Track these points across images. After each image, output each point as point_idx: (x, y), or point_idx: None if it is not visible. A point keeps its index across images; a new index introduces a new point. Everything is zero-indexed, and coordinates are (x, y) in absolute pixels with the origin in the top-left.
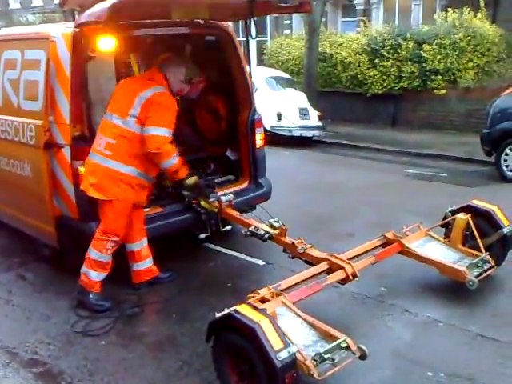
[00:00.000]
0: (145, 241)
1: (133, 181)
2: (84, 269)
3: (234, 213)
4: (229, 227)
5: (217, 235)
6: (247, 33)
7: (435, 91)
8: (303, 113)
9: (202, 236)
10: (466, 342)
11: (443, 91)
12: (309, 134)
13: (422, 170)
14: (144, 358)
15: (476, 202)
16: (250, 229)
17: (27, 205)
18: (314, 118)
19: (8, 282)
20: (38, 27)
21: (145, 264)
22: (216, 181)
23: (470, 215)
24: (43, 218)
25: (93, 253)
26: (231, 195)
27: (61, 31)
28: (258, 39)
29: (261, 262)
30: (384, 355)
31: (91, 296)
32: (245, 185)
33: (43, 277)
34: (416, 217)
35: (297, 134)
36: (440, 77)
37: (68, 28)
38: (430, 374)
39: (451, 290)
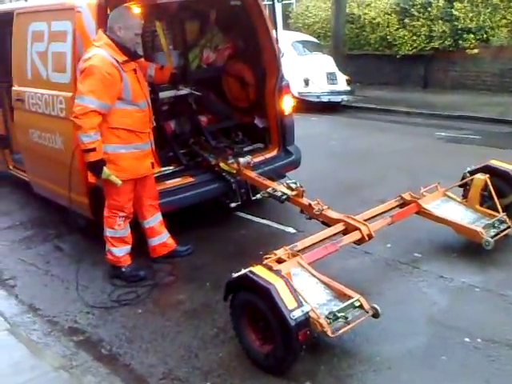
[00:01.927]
0: (157, 216)
1: (118, 158)
2: (107, 247)
3: (253, 174)
4: (259, 196)
5: (248, 204)
6: None
7: (467, 51)
8: (331, 77)
9: (233, 205)
10: (504, 307)
11: (475, 50)
12: (337, 99)
13: (454, 133)
14: (181, 326)
15: (495, 162)
16: (268, 190)
17: (60, 177)
18: (342, 82)
19: (45, 253)
20: None
21: (160, 239)
22: (244, 149)
23: (488, 175)
24: (76, 189)
25: (107, 231)
26: (249, 157)
27: (86, 1)
28: (283, 2)
29: (292, 230)
30: (420, 321)
31: (123, 270)
32: (274, 153)
33: (79, 247)
34: (447, 181)
35: (325, 99)
36: (472, 35)
37: None
38: (467, 339)
39: (486, 255)
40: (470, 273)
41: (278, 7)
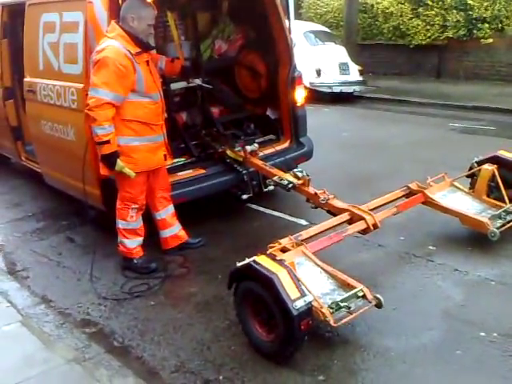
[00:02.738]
0: (169, 208)
1: (131, 150)
2: (119, 239)
3: (259, 162)
4: (271, 187)
5: (259, 196)
6: None
7: (482, 40)
8: (343, 68)
9: (245, 197)
10: None
11: (490, 40)
12: (349, 89)
13: (469, 124)
14: (193, 318)
15: (503, 153)
16: (274, 178)
17: (72, 168)
18: (354, 72)
19: (57, 245)
20: None
21: (171, 231)
22: (256, 141)
23: (495, 166)
24: (88, 181)
25: (119, 222)
26: (256, 145)
27: None
28: None
29: (304, 222)
30: (434, 315)
31: (135, 262)
32: (286, 144)
33: (91, 239)
34: (461, 172)
35: (337, 89)
36: (487, 25)
37: None
38: (482, 334)
39: (501, 248)
40: (486, 266)
41: None
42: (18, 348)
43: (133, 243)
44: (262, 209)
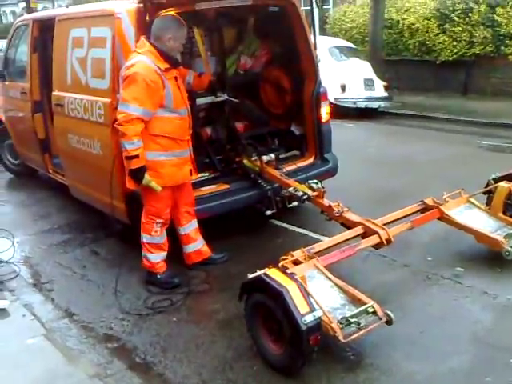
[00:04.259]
0: (193, 223)
1: (158, 165)
2: (143, 253)
3: (275, 172)
4: (295, 203)
5: (283, 212)
6: (312, 1)
7: (510, 57)
8: (368, 83)
9: (269, 212)
10: None
11: None
12: (374, 105)
13: (497, 141)
14: (215, 336)
15: None
16: (289, 189)
17: (98, 181)
18: (379, 88)
19: (82, 258)
20: (104, 4)
21: (195, 246)
22: (281, 156)
23: None
24: (114, 194)
25: (144, 237)
26: (273, 155)
27: (125, 7)
28: (321, 7)
29: (327, 239)
30: (463, 340)
31: (158, 276)
32: (310, 160)
33: (115, 252)
34: None
35: (362, 105)
36: None
37: (132, 4)
38: None
39: None
40: None
41: (316, 12)
42: (41, 362)
43: (156, 258)
44: (285, 225)
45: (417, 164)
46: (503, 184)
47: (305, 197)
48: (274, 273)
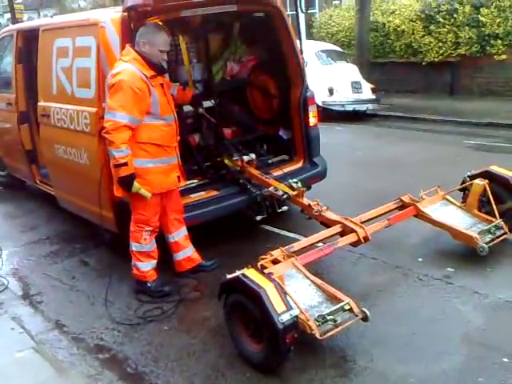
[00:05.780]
0: (183, 231)
1: (145, 172)
2: (132, 262)
3: (256, 172)
4: (285, 208)
5: (274, 217)
6: (297, 6)
7: (495, 57)
8: (356, 86)
9: (259, 218)
10: None
11: (503, 56)
12: (362, 107)
13: (484, 141)
14: (207, 344)
15: (495, 168)
16: (270, 189)
17: (86, 191)
18: (366, 90)
19: (71, 268)
20: (87, 13)
21: (185, 253)
22: (269, 161)
23: (487, 181)
24: (102, 204)
25: (133, 245)
26: (253, 155)
27: (109, 16)
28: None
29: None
30: (455, 340)
31: (149, 285)
32: (299, 164)
33: (104, 262)
34: None
35: (350, 108)
36: (500, 41)
37: (116, 12)
38: (505, 359)
39: None
40: (507, 288)
41: (302, 17)
42: (30, 375)
43: (146, 266)
44: (276, 230)
45: (405, 165)
46: (478, 181)
47: (285, 196)
48: (252, 273)
